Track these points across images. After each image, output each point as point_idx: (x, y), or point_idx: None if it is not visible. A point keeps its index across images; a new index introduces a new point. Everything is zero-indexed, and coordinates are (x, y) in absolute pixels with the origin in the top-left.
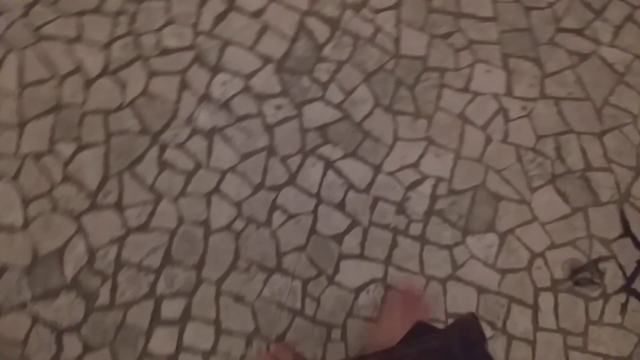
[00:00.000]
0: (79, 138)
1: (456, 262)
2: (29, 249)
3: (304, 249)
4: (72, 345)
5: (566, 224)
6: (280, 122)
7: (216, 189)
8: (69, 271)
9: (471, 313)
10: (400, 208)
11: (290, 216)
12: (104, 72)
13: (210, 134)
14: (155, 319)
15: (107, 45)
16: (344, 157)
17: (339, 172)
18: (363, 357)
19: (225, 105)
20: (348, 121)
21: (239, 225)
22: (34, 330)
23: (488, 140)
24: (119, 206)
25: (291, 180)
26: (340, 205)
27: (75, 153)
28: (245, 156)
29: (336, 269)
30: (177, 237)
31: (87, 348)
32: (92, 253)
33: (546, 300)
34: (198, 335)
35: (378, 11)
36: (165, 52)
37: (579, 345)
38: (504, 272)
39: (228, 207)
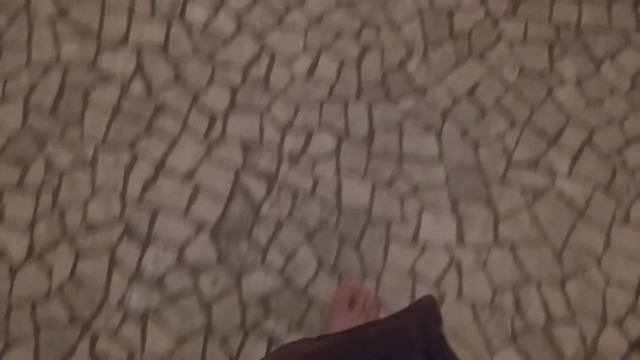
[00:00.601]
0: (6, 333)
1: None
2: None
3: None
4: None
5: None
6: (218, 297)
7: None
8: None
9: (429, 295)
10: None
11: None
12: (29, 257)
13: (143, 317)
14: None
15: (31, 226)
16: (288, 331)
17: None
18: (322, 337)
19: (159, 282)
20: (291, 289)
21: None
22: None
23: (441, 299)
24: None
25: None
26: None
27: (4, 351)
28: (182, 340)
29: None
30: None
31: None
32: None
33: None
34: None
35: (316, 160)
36: (92, 228)
37: None
38: None
39: None
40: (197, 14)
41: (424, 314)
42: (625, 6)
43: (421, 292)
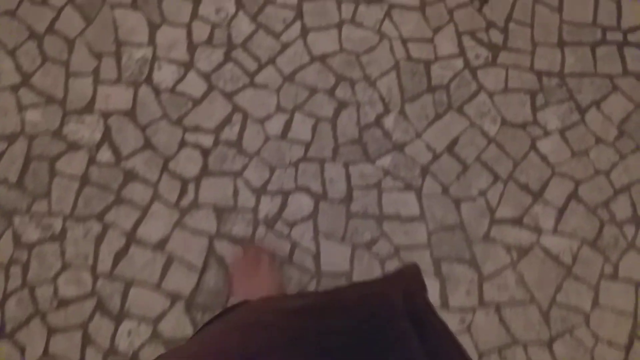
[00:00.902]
0: None
1: None
2: None
3: None
4: None
5: None
6: None
7: None
8: None
9: (414, 263)
10: None
11: None
12: (0, 335)
13: None
14: None
15: (2, 304)
16: None
17: None
18: (302, 295)
19: (134, 357)
20: None
21: None
22: None
23: None
24: None
25: None
26: None
27: None
28: None
29: None
30: None
31: None
32: None
33: None
34: None
35: (293, 224)
36: (63, 303)
37: None
38: None
39: None
40: (165, 75)
41: (406, 281)
42: (611, 48)
43: None
